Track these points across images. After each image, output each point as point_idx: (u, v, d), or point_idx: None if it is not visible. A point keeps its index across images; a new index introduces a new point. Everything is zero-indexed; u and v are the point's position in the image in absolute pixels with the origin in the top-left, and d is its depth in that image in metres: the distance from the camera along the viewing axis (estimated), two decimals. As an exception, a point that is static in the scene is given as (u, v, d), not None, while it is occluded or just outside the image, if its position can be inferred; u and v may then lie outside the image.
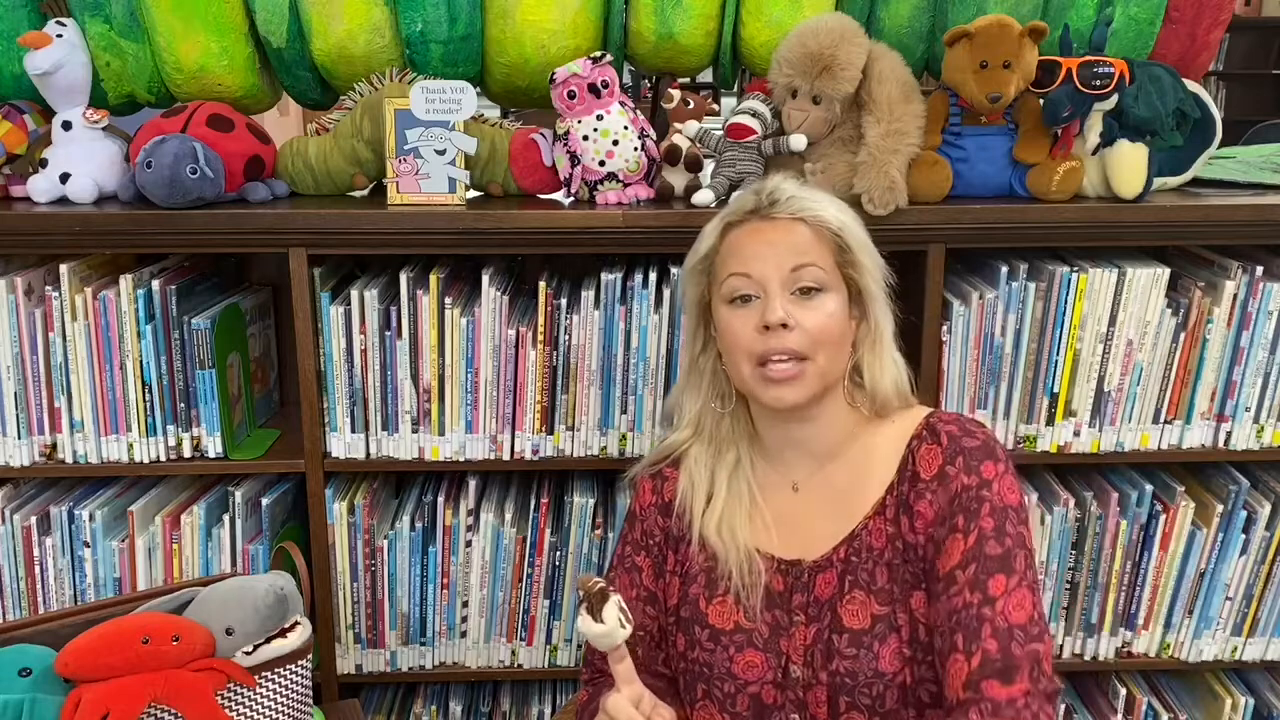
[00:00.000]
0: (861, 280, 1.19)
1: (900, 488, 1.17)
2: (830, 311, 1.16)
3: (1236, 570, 1.62)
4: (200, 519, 1.59)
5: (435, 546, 1.62)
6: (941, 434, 1.16)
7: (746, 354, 1.16)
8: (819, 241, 1.17)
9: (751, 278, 1.16)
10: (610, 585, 1.16)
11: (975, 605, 1.06)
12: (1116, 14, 1.57)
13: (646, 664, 1.27)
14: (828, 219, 1.17)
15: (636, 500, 1.31)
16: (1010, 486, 1.12)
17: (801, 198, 1.19)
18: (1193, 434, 1.56)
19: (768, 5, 1.56)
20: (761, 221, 1.19)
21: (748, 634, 1.18)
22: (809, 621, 1.17)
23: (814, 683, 1.14)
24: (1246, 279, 1.50)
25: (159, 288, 1.51)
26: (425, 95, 1.46)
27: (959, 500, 1.11)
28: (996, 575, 1.07)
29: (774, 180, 1.22)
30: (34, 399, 1.52)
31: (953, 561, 1.09)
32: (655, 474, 1.31)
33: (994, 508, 1.10)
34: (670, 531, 1.28)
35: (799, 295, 1.15)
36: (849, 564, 1.16)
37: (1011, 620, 1.04)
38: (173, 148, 1.43)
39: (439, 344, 1.53)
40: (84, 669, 1.17)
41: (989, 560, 1.07)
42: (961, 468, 1.12)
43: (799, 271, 1.15)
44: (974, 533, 1.09)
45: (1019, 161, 1.51)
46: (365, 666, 1.67)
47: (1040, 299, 1.51)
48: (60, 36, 1.51)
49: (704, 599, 1.21)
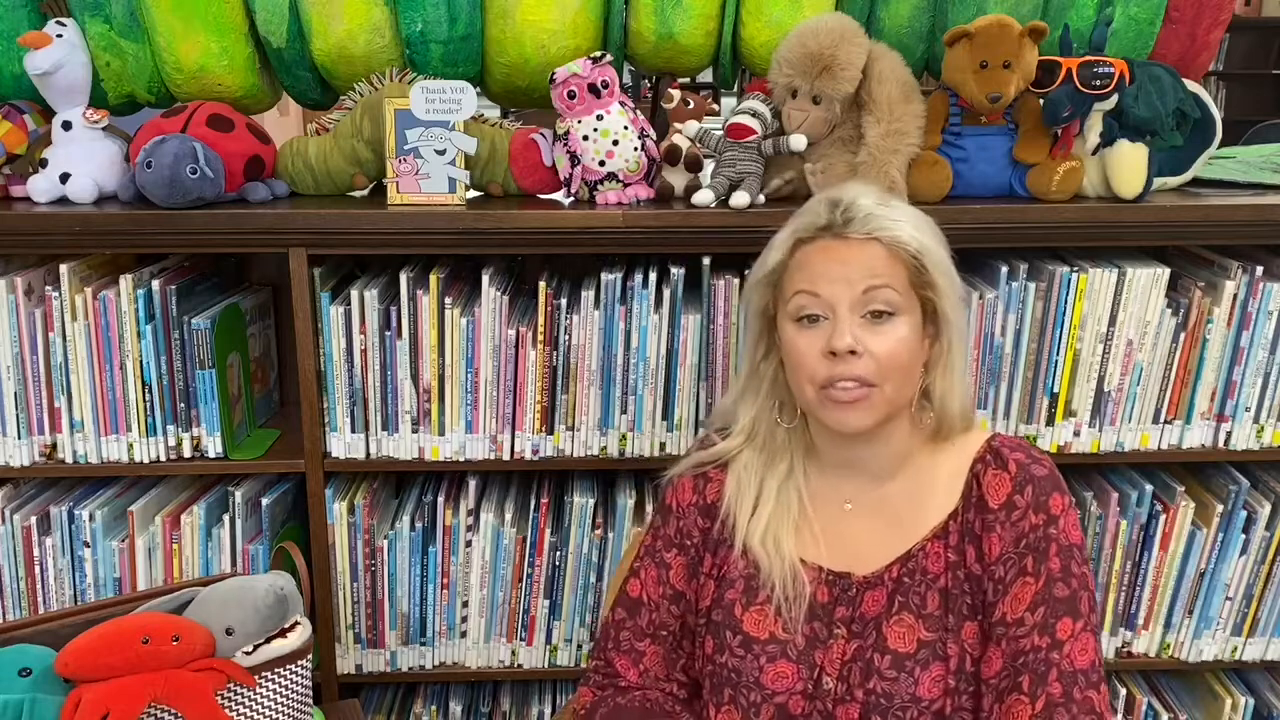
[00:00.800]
0: (938, 301, 1.13)
1: (966, 514, 1.15)
2: (901, 337, 1.10)
3: (1236, 570, 1.62)
4: (200, 519, 1.59)
5: (435, 546, 1.62)
6: (1009, 460, 1.14)
7: (810, 376, 1.11)
8: (894, 263, 1.10)
9: (820, 298, 1.10)
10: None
11: (1044, 649, 1.07)
12: (1116, 14, 1.57)
13: (662, 668, 1.26)
14: (905, 240, 1.10)
15: (674, 497, 1.27)
16: (1074, 523, 1.12)
17: (878, 216, 1.11)
18: (1193, 434, 1.56)
19: (768, 5, 1.56)
20: (834, 240, 1.12)
21: (782, 645, 1.16)
22: (850, 637, 1.15)
23: (847, 699, 1.13)
24: (1246, 279, 1.50)
25: (159, 288, 1.51)
26: (425, 95, 1.46)
27: (1027, 540, 1.11)
28: (1064, 619, 1.08)
29: (850, 193, 1.15)
30: (34, 399, 1.52)
31: (1022, 606, 1.09)
32: (698, 473, 1.27)
33: (1060, 548, 1.10)
34: (711, 534, 1.24)
35: (870, 318, 1.10)
36: (900, 584, 1.14)
37: (1077, 665, 1.06)
38: (173, 148, 1.43)
39: (439, 344, 1.53)
40: (84, 669, 1.17)
41: (1057, 603, 1.08)
42: (1031, 500, 1.11)
43: (871, 294, 1.09)
44: (1043, 576, 1.09)
45: (1019, 161, 1.51)
46: (365, 666, 1.67)
47: (1040, 299, 1.51)
48: (60, 36, 1.51)
49: (740, 605, 1.19)
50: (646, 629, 1.25)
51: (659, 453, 1.57)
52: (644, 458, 1.58)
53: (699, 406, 1.57)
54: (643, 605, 1.26)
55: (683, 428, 1.56)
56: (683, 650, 1.26)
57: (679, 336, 1.53)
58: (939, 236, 1.16)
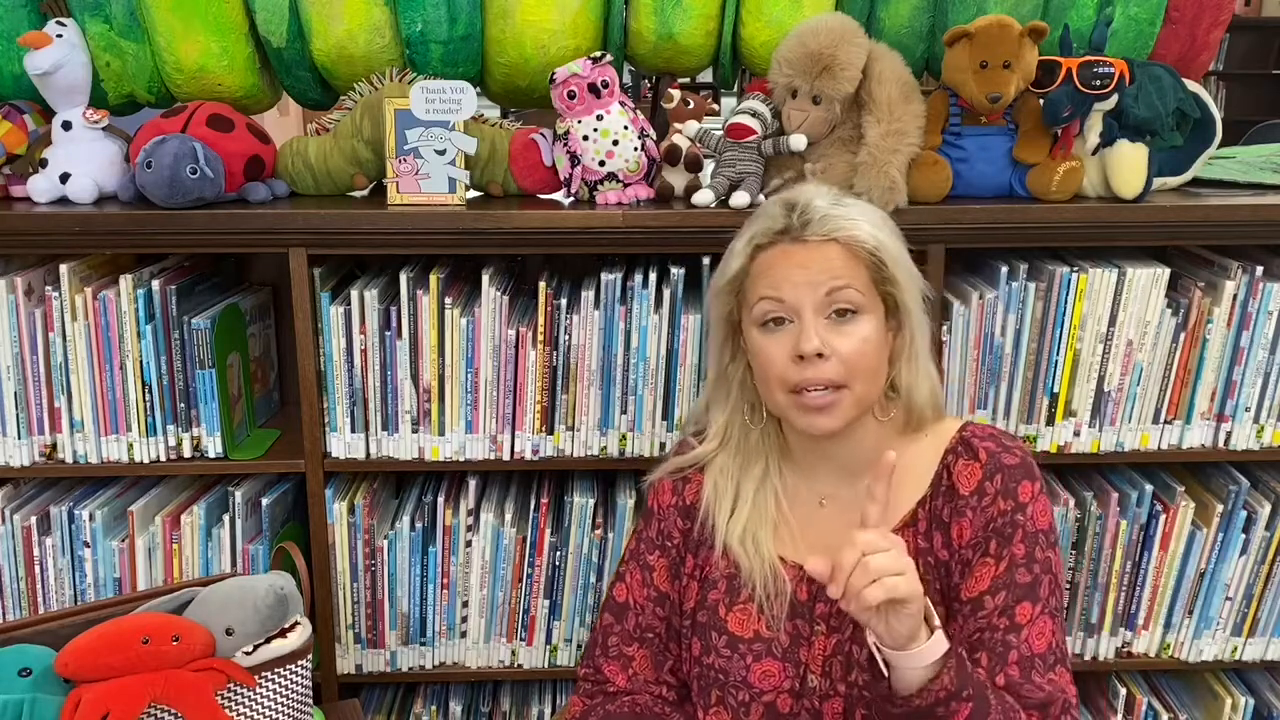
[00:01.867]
0: (899, 295, 1.15)
1: (934, 502, 1.15)
2: (866, 336, 1.12)
3: (1236, 570, 1.62)
4: (200, 519, 1.59)
5: (435, 546, 1.62)
6: (979, 450, 1.15)
7: (780, 381, 1.12)
8: (854, 262, 1.12)
9: (784, 302, 1.11)
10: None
11: (1001, 630, 1.08)
12: (1116, 14, 1.57)
13: (651, 671, 1.26)
14: (862, 238, 1.12)
15: (655, 499, 1.28)
16: (1044, 509, 1.13)
17: (834, 216, 1.13)
18: (1193, 434, 1.56)
19: (768, 5, 1.56)
20: (792, 243, 1.13)
21: (767, 643, 1.17)
22: (829, 632, 1.16)
23: (831, 694, 1.14)
24: (1246, 279, 1.50)
25: (159, 288, 1.50)
26: (425, 95, 1.46)
27: (994, 525, 1.11)
28: (1023, 603, 1.09)
29: (804, 195, 1.16)
30: (34, 399, 1.52)
31: (982, 586, 1.10)
32: (678, 476, 1.28)
33: (1026, 533, 1.11)
34: (691, 535, 1.25)
35: (834, 318, 1.11)
36: None
37: (1034, 649, 1.07)
38: (173, 148, 1.43)
39: (439, 344, 1.53)
40: (84, 669, 1.17)
41: (1018, 587, 1.09)
42: (1000, 488, 1.12)
43: (833, 295, 1.10)
44: (1005, 559, 1.10)
45: (1019, 161, 1.51)
46: (365, 666, 1.67)
47: (1040, 299, 1.51)
48: (60, 36, 1.50)
49: (724, 605, 1.20)
50: (633, 633, 1.26)
51: (659, 453, 1.57)
52: (644, 458, 1.57)
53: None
54: (629, 609, 1.27)
55: (682, 428, 1.56)
56: (670, 652, 1.27)
57: (679, 336, 1.53)
58: (895, 231, 1.17)
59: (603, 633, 1.28)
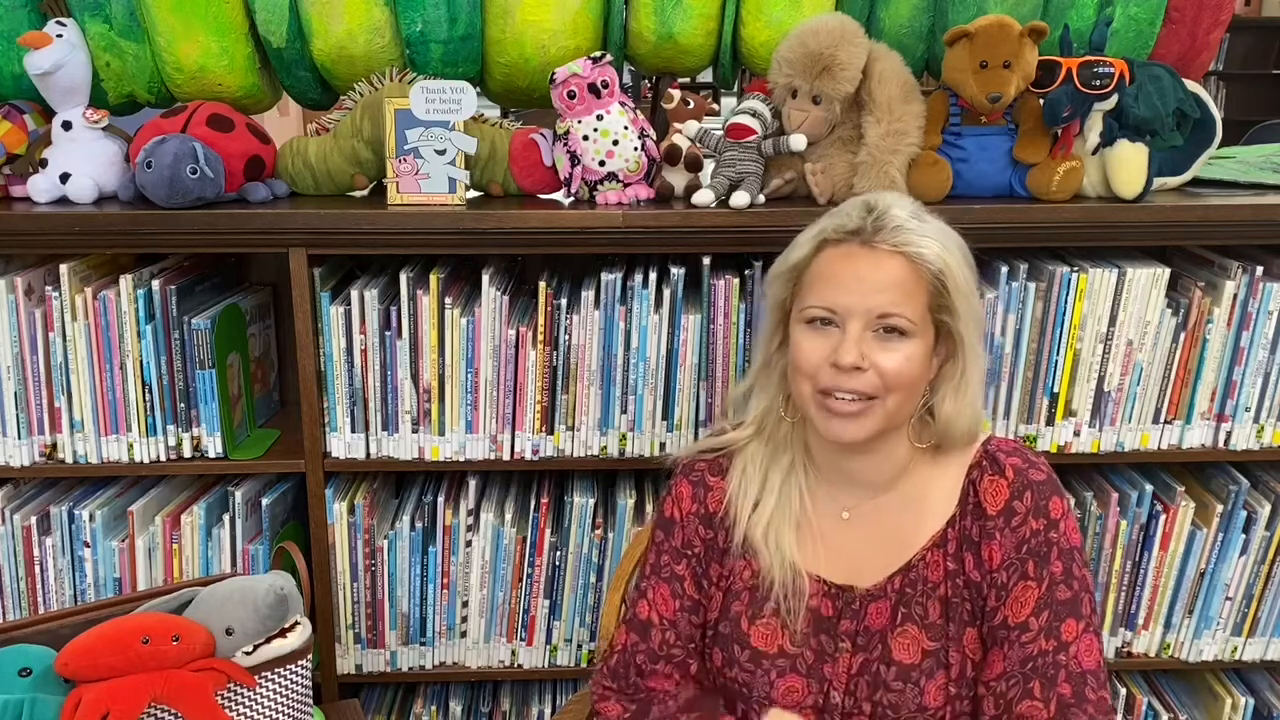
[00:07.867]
0: (954, 325, 1.11)
1: (962, 521, 1.14)
2: (909, 355, 1.09)
3: (1236, 570, 1.62)
4: (200, 519, 1.59)
5: (435, 546, 1.62)
6: (1005, 465, 1.14)
7: (810, 377, 1.11)
8: (915, 280, 1.09)
9: (834, 306, 1.10)
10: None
11: (1050, 652, 1.08)
12: (1116, 14, 1.57)
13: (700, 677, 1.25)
14: (929, 258, 1.09)
15: (675, 506, 1.25)
16: (1074, 526, 1.13)
17: (908, 230, 1.10)
18: (1193, 434, 1.56)
19: (768, 5, 1.56)
20: (860, 247, 1.10)
21: (791, 659, 1.16)
22: (856, 650, 1.15)
23: (855, 712, 1.13)
24: (1246, 279, 1.50)
25: (159, 288, 1.50)
26: (425, 95, 1.46)
27: (1029, 545, 1.11)
28: (1068, 620, 1.09)
29: (885, 201, 1.13)
30: (34, 399, 1.52)
31: (1026, 610, 1.10)
32: (698, 481, 1.25)
33: (1062, 551, 1.10)
34: (713, 543, 1.23)
35: (881, 334, 1.09)
36: (903, 595, 1.14)
37: (1084, 665, 1.07)
38: (173, 148, 1.43)
39: (439, 344, 1.53)
40: (84, 669, 1.17)
41: (1060, 606, 1.09)
42: (1030, 506, 1.11)
43: (885, 319, 1.08)
44: (1045, 580, 1.10)
45: (1019, 161, 1.51)
46: (365, 666, 1.67)
47: (1040, 299, 1.51)
48: (60, 36, 1.51)
49: (746, 618, 1.18)
50: (659, 650, 1.23)
51: (659, 453, 1.57)
52: (644, 458, 1.58)
53: (699, 406, 1.57)
54: (653, 627, 1.24)
55: (682, 428, 1.56)
56: (689, 667, 1.24)
57: (679, 336, 1.53)
58: (967, 258, 1.13)
59: (629, 652, 1.25)
